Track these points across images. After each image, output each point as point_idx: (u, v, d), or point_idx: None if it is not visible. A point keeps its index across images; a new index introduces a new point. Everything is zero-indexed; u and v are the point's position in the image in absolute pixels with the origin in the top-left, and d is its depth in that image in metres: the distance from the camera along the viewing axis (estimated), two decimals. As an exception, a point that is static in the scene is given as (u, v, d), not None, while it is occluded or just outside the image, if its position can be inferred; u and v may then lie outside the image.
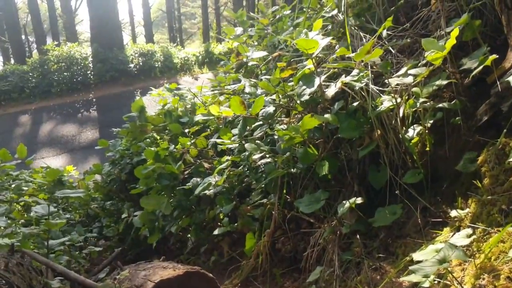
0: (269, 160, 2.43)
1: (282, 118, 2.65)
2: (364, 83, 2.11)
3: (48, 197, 4.61)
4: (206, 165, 3.94)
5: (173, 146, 4.21)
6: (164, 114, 4.86)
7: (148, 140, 5.17)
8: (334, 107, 2.25)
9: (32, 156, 4.87)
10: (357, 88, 2.10)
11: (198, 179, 3.84)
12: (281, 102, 2.62)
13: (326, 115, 2.19)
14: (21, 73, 16.64)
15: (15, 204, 3.86)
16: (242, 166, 3.12)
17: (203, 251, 4.07)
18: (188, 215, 4.11)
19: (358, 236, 2.11)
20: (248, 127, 2.57)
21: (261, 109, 2.50)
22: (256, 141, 2.63)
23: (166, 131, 4.99)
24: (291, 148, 2.43)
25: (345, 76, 2.21)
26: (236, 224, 3.24)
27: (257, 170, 2.90)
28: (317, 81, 2.19)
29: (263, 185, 3.04)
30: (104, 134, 13.72)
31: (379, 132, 2.09)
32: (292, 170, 2.44)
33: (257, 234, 2.89)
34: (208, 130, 4.48)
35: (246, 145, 2.56)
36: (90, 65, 17.28)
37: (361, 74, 2.11)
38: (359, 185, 2.24)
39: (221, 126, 3.85)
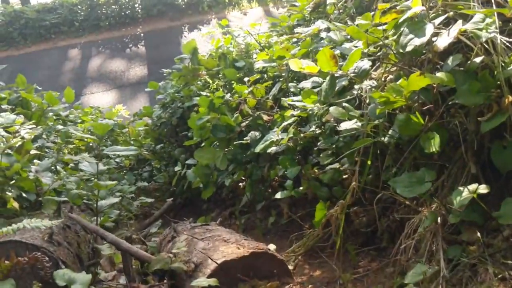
0: (354, 125, 2.01)
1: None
2: (492, 33, 1.61)
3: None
4: (265, 117, 3.55)
5: (229, 94, 3.83)
6: (218, 57, 4.44)
7: (199, 83, 4.81)
8: (448, 63, 1.77)
9: (79, 101, 4.62)
10: (483, 39, 1.60)
11: (257, 133, 3.49)
12: (368, 53, 2.15)
13: (439, 74, 1.72)
14: (70, 5, 16.41)
15: (63, 151, 3.67)
16: (312, 126, 2.71)
17: (259, 208, 3.79)
18: (244, 169, 3.80)
19: (472, 229, 1.70)
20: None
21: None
22: (344, 103, 2.20)
23: (220, 75, 4.60)
24: (384, 114, 2.00)
25: (463, 23, 1.70)
26: (300, 188, 2.88)
27: (332, 132, 2.49)
28: (429, 29, 1.70)
29: (333, 147, 2.63)
30: (152, 71, 13.51)
31: (510, 98, 1.62)
32: (383, 139, 2.02)
33: (327, 203, 2.52)
34: (265, 76, 4.05)
35: (331, 109, 2.14)
36: (138, -2, 16.81)
37: (488, 20, 1.61)
38: (475, 164, 1.78)
39: (283, 75, 3.41)
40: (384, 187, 2.21)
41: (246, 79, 3.61)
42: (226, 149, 3.60)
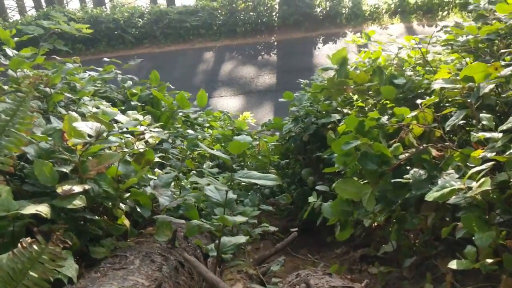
0: None
1: None
2: None
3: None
4: (434, 152, 2.76)
5: (385, 117, 3.11)
6: (373, 70, 3.73)
7: (341, 101, 4.15)
8: None
9: (210, 107, 4.24)
10: None
11: (422, 172, 2.71)
12: None
13: None
14: (211, 9, 16.89)
15: (187, 161, 3.26)
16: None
17: (408, 265, 3.00)
18: (391, 210, 3.05)
19: None
20: None
21: None
22: None
23: (370, 92, 3.89)
24: None
25: None
26: (489, 261, 2.06)
27: None
28: None
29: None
30: (281, 80, 13.20)
31: None
32: None
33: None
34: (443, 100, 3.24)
35: None
36: (276, 6, 16.73)
37: None
38: None
39: (469, 101, 2.59)
40: None
41: (418, 101, 2.85)
42: (375, 184, 2.88)
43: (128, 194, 2.19)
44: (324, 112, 4.57)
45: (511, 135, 2.23)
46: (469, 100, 2.59)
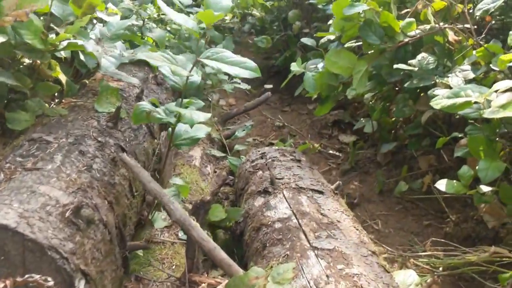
0: None
1: None
2: None
3: None
4: (451, 36, 2.27)
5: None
6: None
7: None
8: None
9: None
10: None
11: (431, 59, 2.26)
12: None
13: None
14: None
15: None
16: None
17: (384, 151, 2.74)
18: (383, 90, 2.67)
19: None
20: None
21: None
22: None
23: None
24: None
25: None
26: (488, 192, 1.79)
27: None
28: None
29: None
30: None
31: None
32: None
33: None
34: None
35: None
36: None
37: None
38: None
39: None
40: None
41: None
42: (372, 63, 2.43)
43: (64, 45, 1.67)
44: None
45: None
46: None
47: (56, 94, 1.86)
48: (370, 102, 2.89)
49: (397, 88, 2.66)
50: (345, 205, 1.91)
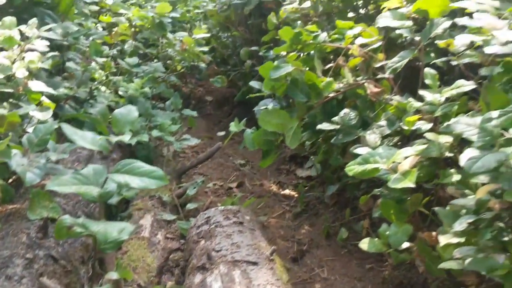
0: None
1: None
2: None
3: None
4: (371, 88, 2.39)
5: (324, 34, 2.62)
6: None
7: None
8: None
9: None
10: None
11: (352, 115, 2.40)
12: None
13: None
14: None
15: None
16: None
17: (330, 193, 2.88)
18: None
19: None
20: None
21: None
22: None
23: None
24: None
25: None
26: (402, 254, 1.91)
27: None
28: None
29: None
30: None
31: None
32: None
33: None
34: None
35: None
36: None
37: None
38: None
39: (418, 38, 2.13)
40: None
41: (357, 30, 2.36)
42: (302, 120, 2.57)
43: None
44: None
45: (454, 104, 1.89)
46: (417, 39, 2.14)
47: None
48: (311, 148, 3.02)
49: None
50: (279, 272, 2.03)
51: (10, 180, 2.09)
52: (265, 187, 3.51)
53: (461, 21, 1.72)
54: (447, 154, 1.85)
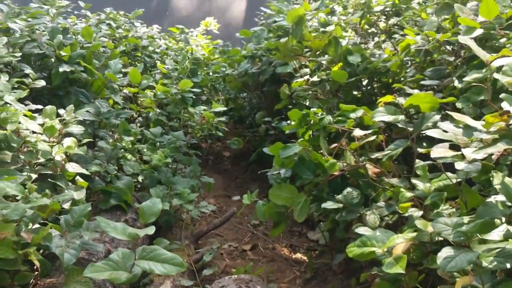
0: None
1: None
2: None
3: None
4: (371, 169, 2.62)
5: (328, 117, 2.88)
6: (329, 41, 3.37)
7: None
8: None
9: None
10: None
11: (354, 194, 2.61)
12: None
13: None
14: None
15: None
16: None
17: (337, 262, 3.06)
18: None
19: None
20: None
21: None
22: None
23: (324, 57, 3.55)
24: None
25: None
26: None
27: None
28: None
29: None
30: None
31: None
32: None
33: None
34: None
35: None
36: None
37: None
38: None
39: (411, 130, 2.37)
40: None
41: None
42: (310, 194, 2.80)
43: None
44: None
45: (442, 193, 2.11)
46: (410, 130, 2.39)
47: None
48: (319, 215, 3.23)
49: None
50: None
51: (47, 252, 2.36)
52: (277, 250, 3.71)
53: (442, 125, 1.95)
54: (437, 238, 2.05)
